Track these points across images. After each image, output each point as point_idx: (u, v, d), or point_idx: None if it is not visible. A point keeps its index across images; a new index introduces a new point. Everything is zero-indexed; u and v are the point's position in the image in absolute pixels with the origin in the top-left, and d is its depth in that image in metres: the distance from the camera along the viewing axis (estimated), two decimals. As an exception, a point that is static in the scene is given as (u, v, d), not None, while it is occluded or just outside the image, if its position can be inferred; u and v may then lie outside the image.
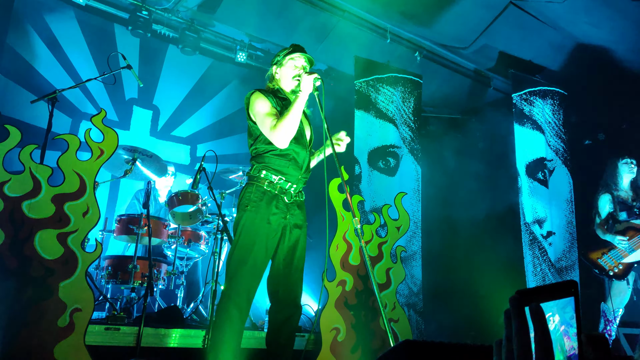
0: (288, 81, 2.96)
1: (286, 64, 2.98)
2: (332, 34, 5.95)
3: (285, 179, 2.80)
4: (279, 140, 2.69)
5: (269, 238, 2.73)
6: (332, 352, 3.70)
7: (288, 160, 2.82)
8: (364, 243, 2.54)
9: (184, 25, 5.94)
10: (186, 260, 4.82)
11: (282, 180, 2.80)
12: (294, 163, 2.84)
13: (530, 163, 5.61)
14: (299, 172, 2.86)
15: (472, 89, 6.94)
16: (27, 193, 2.83)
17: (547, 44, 5.80)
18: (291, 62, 2.97)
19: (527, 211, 5.44)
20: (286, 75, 2.96)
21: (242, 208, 2.77)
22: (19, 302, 2.69)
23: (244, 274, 2.66)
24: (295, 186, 2.85)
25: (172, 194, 4.47)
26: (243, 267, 2.66)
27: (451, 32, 5.92)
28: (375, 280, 2.38)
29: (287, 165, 2.81)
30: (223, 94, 6.84)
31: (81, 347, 2.79)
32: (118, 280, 3.97)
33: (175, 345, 3.47)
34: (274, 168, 2.80)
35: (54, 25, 5.75)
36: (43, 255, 2.80)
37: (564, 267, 5.31)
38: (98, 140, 3.07)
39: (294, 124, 2.70)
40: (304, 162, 2.89)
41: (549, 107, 5.83)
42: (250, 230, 2.70)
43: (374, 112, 5.51)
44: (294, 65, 2.96)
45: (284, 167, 2.81)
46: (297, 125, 2.72)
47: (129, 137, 6.13)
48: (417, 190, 5.53)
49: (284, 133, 2.67)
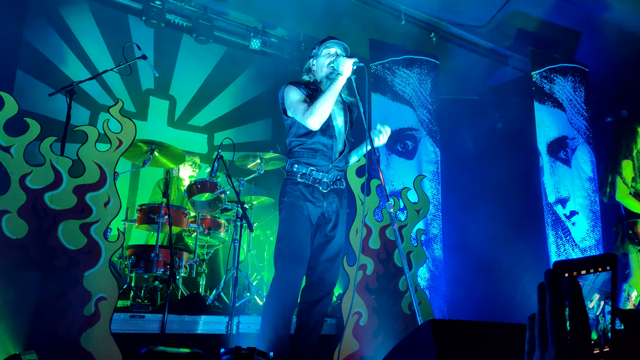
0: (324, 70, 2.96)
1: (321, 54, 2.98)
2: (346, 17, 5.89)
3: (317, 170, 2.88)
4: (311, 121, 2.73)
5: (307, 226, 2.83)
6: (354, 336, 3.71)
7: (315, 152, 2.89)
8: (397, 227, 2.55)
9: (197, 14, 5.93)
10: (207, 248, 4.85)
11: (314, 171, 2.88)
12: (322, 154, 2.89)
13: (552, 142, 5.51)
14: (329, 162, 2.91)
15: (490, 69, 6.82)
16: (48, 185, 2.86)
17: (566, 19, 5.66)
18: (325, 50, 2.98)
19: (550, 191, 5.35)
20: (321, 65, 2.97)
21: (280, 201, 2.90)
22: (44, 292, 2.74)
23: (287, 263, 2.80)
24: (329, 175, 2.90)
25: (191, 182, 4.49)
26: (287, 256, 2.80)
27: (468, 10, 5.80)
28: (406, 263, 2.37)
29: (315, 157, 2.88)
30: (238, 81, 6.83)
31: (107, 335, 2.83)
32: (141, 268, 4.02)
33: (200, 332, 3.51)
34: (304, 161, 2.88)
35: (69, 18, 5.79)
36: (67, 245, 2.84)
37: (588, 246, 5.23)
38: (116, 130, 3.09)
39: (328, 106, 2.72)
40: (333, 152, 2.93)
41: (569, 84, 5.70)
42: (289, 220, 2.83)
43: (391, 95, 5.45)
44: (329, 53, 2.96)
45: (312, 158, 2.88)
46: (330, 107, 2.74)
47: (147, 127, 6.17)
48: (437, 173, 5.47)
49: (317, 114, 2.70)
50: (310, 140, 2.88)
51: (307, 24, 6.23)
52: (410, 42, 5.86)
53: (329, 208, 2.90)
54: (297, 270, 2.81)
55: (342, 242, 3.00)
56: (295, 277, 2.81)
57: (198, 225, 4.46)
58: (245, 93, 6.79)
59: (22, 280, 2.70)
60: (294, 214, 2.83)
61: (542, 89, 5.61)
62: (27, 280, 2.71)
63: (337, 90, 2.74)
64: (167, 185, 3.65)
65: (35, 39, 5.50)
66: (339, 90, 2.75)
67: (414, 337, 0.95)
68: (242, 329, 3.65)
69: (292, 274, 2.81)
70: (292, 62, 6.58)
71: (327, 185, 2.90)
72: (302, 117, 2.75)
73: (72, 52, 5.78)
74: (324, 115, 2.72)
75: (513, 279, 5.37)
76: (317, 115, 2.70)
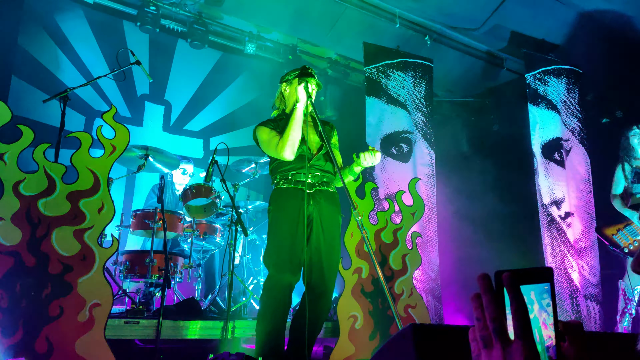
0: (292, 100, 3.09)
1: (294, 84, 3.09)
2: (340, 21, 5.91)
3: (296, 172, 2.96)
4: (284, 153, 2.88)
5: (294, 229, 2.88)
6: (350, 340, 3.71)
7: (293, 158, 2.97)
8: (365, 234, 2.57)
9: (192, 19, 5.95)
10: (202, 252, 4.85)
11: (295, 173, 2.96)
12: (299, 158, 2.96)
13: (546, 144, 5.52)
14: (307, 162, 2.96)
15: (485, 71, 6.84)
16: (42, 191, 2.87)
17: (560, 21, 5.68)
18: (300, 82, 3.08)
19: (544, 192, 5.36)
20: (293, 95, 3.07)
21: (268, 211, 3.01)
22: (39, 298, 2.74)
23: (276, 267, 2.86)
24: (311, 176, 2.94)
25: (186, 187, 4.50)
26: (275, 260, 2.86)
27: (462, 13, 5.82)
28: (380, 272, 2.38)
29: (292, 162, 2.96)
30: (234, 86, 6.84)
31: (101, 341, 2.83)
32: (136, 274, 4.02)
33: (195, 337, 3.51)
34: (283, 169, 2.99)
35: (63, 24, 5.80)
36: (60, 252, 2.84)
37: (583, 247, 5.24)
38: (110, 136, 3.10)
39: (295, 135, 2.87)
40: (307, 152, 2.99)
41: (563, 85, 5.72)
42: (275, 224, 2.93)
43: (385, 99, 5.47)
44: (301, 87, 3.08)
45: (290, 164, 2.97)
46: (298, 135, 2.89)
47: (142, 133, 6.18)
48: (432, 176, 5.48)
49: (288, 146, 2.86)
50: None
51: (302, 27, 6.24)
52: (404, 45, 5.88)
53: (316, 209, 2.94)
54: (286, 275, 2.82)
55: (333, 244, 3.00)
56: (284, 281, 2.83)
57: (193, 230, 4.46)
58: (241, 97, 6.80)
59: (16, 287, 2.70)
60: (280, 218, 2.92)
61: (536, 90, 5.63)
62: (21, 286, 2.71)
63: (299, 117, 2.89)
64: (162, 190, 3.65)
65: (30, 45, 5.50)
66: (300, 117, 2.90)
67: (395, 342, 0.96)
68: (238, 333, 3.65)
69: (281, 278, 2.82)
70: (287, 66, 6.59)
71: (311, 186, 2.95)
72: (275, 152, 2.93)
73: (67, 58, 5.79)
74: (294, 145, 2.88)
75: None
76: (288, 146, 2.86)
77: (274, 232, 2.94)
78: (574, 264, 5.17)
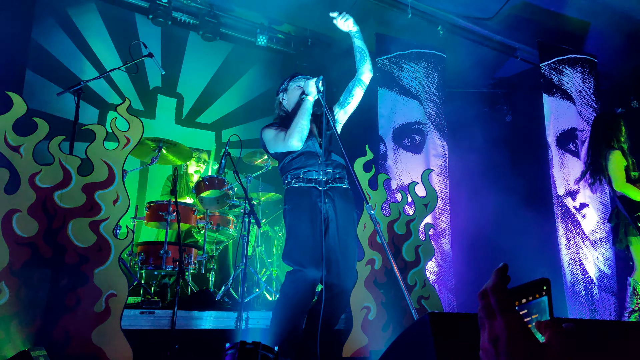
0: (295, 102, 3.07)
1: (291, 88, 3.11)
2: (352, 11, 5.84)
3: (309, 170, 2.94)
4: (292, 140, 2.84)
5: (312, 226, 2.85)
6: (363, 331, 3.72)
7: (302, 154, 2.96)
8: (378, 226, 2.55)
9: (203, 11, 5.95)
10: (216, 244, 4.88)
11: (307, 171, 2.93)
12: (309, 155, 2.95)
13: (561, 134, 5.46)
14: (318, 159, 2.95)
15: (498, 61, 6.77)
16: (58, 183, 2.90)
17: (574, 9, 5.60)
18: (295, 84, 3.11)
19: (559, 183, 5.31)
20: (294, 97, 3.08)
21: (284, 210, 2.97)
22: (55, 289, 2.77)
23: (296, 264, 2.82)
24: (324, 173, 2.93)
25: (199, 179, 4.52)
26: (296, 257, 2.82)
27: (475, 2, 5.76)
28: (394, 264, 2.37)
29: (303, 159, 2.95)
30: (245, 78, 6.84)
31: (118, 331, 2.86)
32: (151, 265, 4.06)
33: (209, 327, 3.54)
34: (295, 167, 2.96)
35: (76, 18, 5.83)
36: (77, 243, 2.87)
37: (599, 238, 5.18)
38: (124, 129, 3.11)
39: (303, 123, 2.85)
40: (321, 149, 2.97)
41: (578, 75, 5.65)
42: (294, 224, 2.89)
43: (398, 89, 5.44)
44: (299, 86, 3.08)
45: (301, 161, 2.95)
46: (307, 125, 2.87)
47: (155, 125, 6.21)
48: (445, 167, 5.46)
49: (295, 132, 2.83)
50: (295, 152, 2.97)
51: (313, 19, 6.21)
52: (416, 35, 5.84)
53: (331, 206, 2.91)
54: (311, 270, 2.79)
55: (350, 242, 2.99)
56: (309, 275, 2.79)
57: (207, 221, 4.48)
58: (253, 90, 6.80)
59: (33, 278, 2.74)
60: (298, 217, 2.87)
61: (550, 80, 5.57)
62: (38, 277, 2.75)
63: (308, 108, 2.87)
64: (175, 182, 3.67)
65: (43, 39, 5.55)
66: (309, 109, 2.88)
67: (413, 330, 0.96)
68: (252, 324, 3.68)
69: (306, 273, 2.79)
70: (298, 58, 6.58)
71: (324, 183, 2.92)
72: (283, 142, 2.89)
73: (80, 51, 5.83)
74: (303, 132, 2.85)
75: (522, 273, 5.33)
76: (296, 133, 2.83)
77: (294, 231, 2.89)
78: (589, 256, 5.12)
